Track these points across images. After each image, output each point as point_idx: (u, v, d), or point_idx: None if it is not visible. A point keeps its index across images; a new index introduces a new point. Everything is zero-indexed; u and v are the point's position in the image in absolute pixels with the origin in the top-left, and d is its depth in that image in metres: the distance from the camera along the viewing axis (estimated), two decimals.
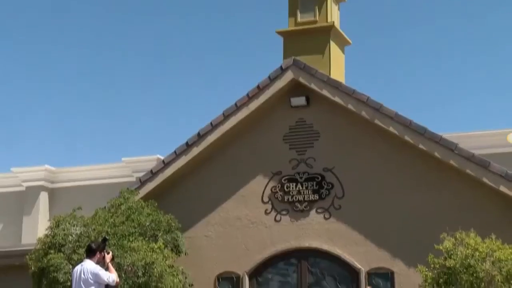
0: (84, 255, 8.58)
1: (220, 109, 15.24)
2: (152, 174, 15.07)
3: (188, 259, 14.17)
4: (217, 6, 32.87)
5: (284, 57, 15.17)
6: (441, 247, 11.32)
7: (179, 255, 13.94)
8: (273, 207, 14.61)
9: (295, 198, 14.45)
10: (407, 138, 13.77)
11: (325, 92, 14.48)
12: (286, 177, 14.62)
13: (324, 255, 14.11)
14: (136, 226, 13.34)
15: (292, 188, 14.51)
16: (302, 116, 14.86)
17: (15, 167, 19.25)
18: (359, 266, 13.78)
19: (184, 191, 15.18)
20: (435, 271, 11.27)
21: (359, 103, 14.18)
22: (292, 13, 15.50)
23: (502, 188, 12.96)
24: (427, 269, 11.38)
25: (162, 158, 15.78)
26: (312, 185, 14.41)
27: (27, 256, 13.42)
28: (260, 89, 14.87)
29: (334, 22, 15.24)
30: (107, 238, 9.13)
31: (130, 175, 17.88)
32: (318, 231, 14.20)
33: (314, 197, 14.36)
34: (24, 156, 35.40)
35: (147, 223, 13.51)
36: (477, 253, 10.95)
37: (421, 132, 13.66)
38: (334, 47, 15.37)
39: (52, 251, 12.83)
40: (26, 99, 34.33)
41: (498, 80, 31.03)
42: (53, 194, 19.04)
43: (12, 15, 32.60)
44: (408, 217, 13.67)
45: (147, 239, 13.32)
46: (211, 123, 15.00)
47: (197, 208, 14.99)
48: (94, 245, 8.38)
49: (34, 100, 34.52)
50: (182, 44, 33.77)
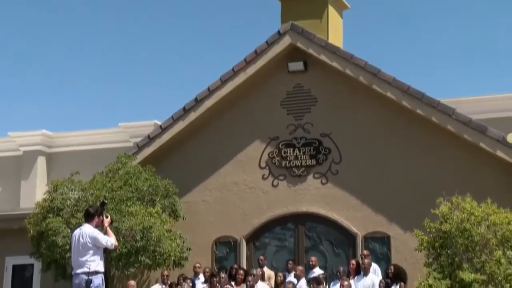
0: (83, 219, 8.60)
1: (217, 74, 15.20)
2: (150, 139, 15.07)
3: (185, 224, 14.26)
4: None
5: (282, 22, 15.05)
6: (437, 212, 11.39)
7: (177, 220, 14.03)
8: (270, 172, 14.66)
9: (293, 163, 14.49)
10: (404, 103, 13.76)
11: (323, 57, 14.41)
12: (284, 142, 14.64)
13: (321, 219, 14.21)
14: (133, 191, 13.40)
15: (290, 153, 14.54)
16: (299, 81, 14.81)
17: (12, 131, 19.24)
18: (356, 231, 13.89)
19: (181, 156, 15.20)
20: (431, 235, 11.36)
21: (357, 68, 14.12)
22: None
23: (499, 153, 13.01)
24: (423, 233, 11.47)
25: (159, 123, 15.78)
26: (310, 150, 14.44)
27: (25, 220, 13.51)
28: (257, 54, 14.78)
29: None
30: (106, 202, 9.12)
31: (127, 140, 17.88)
32: (315, 196, 14.27)
33: (311, 162, 14.39)
34: (21, 121, 35.36)
35: (145, 188, 13.57)
36: (472, 217, 11.03)
37: (419, 97, 13.64)
38: (332, 12, 15.25)
39: (50, 215, 12.91)
40: (23, 64, 34.14)
41: (496, 46, 30.91)
42: (50, 158, 19.06)
43: None
44: (405, 182, 13.74)
45: (144, 203, 13.39)
46: (208, 88, 14.95)
47: (194, 173, 15.03)
48: (92, 209, 8.38)
49: (32, 65, 34.34)
50: (180, 9, 33.50)
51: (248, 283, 11.33)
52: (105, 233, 8.15)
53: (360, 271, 11.81)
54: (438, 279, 10.91)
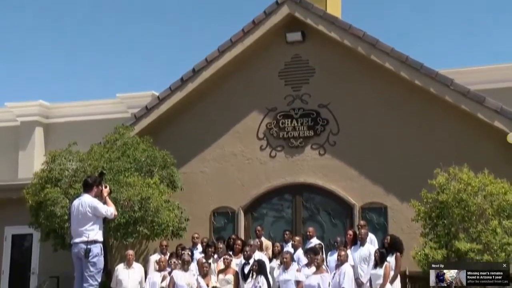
0: (81, 189, 8.61)
1: (215, 45, 15.11)
2: (147, 110, 15.04)
3: (183, 195, 14.31)
4: None
5: None
6: (434, 182, 11.44)
7: (175, 191, 14.07)
8: (268, 143, 14.67)
9: (290, 134, 14.50)
10: (403, 74, 13.72)
11: (321, 28, 14.32)
12: (281, 113, 14.63)
13: (319, 190, 14.26)
14: (131, 161, 13.41)
15: (287, 124, 14.53)
16: (297, 52, 14.75)
17: (9, 102, 19.18)
18: (353, 201, 13.95)
19: (179, 127, 15.19)
20: (428, 206, 11.43)
21: (355, 38, 14.05)
22: None
23: (497, 123, 13.01)
24: (420, 203, 11.54)
25: (157, 94, 15.72)
26: (307, 121, 14.43)
27: (24, 190, 13.52)
28: (255, 24, 14.69)
29: None
30: (104, 172, 9.13)
31: (125, 111, 17.85)
32: (313, 167, 14.31)
33: (309, 133, 14.40)
34: (19, 91, 35.26)
35: (143, 159, 13.57)
36: (469, 187, 11.09)
37: (417, 67, 13.60)
38: None
39: (48, 186, 12.92)
40: (20, 34, 33.91)
41: (496, 15, 30.72)
42: (48, 129, 19.04)
43: None
44: (402, 153, 13.76)
45: (142, 174, 13.41)
46: (206, 59, 14.88)
47: (192, 144, 15.03)
48: (90, 179, 8.37)
49: (29, 35, 34.11)
50: None
51: (245, 253, 11.39)
52: (104, 203, 8.16)
53: (357, 241, 11.87)
54: (434, 248, 11.00)
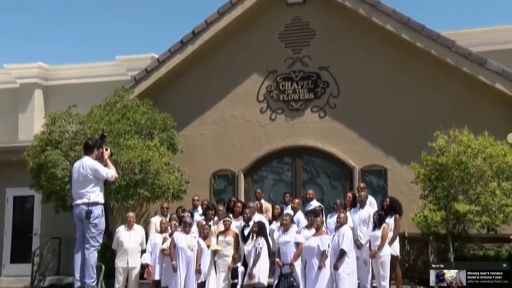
0: (82, 152, 8.61)
1: (215, 6, 14.97)
2: (147, 72, 14.97)
3: (184, 157, 14.33)
4: None
5: None
6: (434, 145, 11.46)
7: (175, 153, 14.09)
8: (268, 106, 14.64)
9: (291, 97, 14.46)
10: (404, 36, 13.63)
11: None
12: (282, 75, 14.57)
13: (319, 153, 14.29)
14: (131, 124, 13.39)
15: (288, 86, 14.49)
16: (298, 13, 14.62)
17: (8, 63, 19.08)
18: (353, 164, 13.99)
19: (179, 89, 15.14)
20: (428, 168, 11.47)
21: (356, 0, 13.91)
22: None
23: (498, 85, 12.97)
24: (419, 166, 11.57)
25: (157, 56, 15.63)
26: (308, 83, 14.38)
27: (24, 153, 13.53)
28: None
29: None
30: (105, 135, 9.11)
31: (125, 74, 17.75)
32: (313, 130, 14.31)
33: (309, 95, 14.36)
34: (18, 53, 35.06)
35: (143, 122, 13.56)
36: (469, 149, 11.11)
37: (418, 29, 13.50)
38: None
39: (49, 148, 12.92)
40: None
41: None
42: (47, 91, 18.96)
43: None
44: (403, 115, 13.75)
45: (143, 137, 13.41)
46: (205, 21, 14.76)
47: (192, 107, 15.01)
48: (91, 141, 8.36)
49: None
50: None
51: (245, 215, 11.46)
52: (105, 165, 8.17)
53: (357, 203, 11.93)
54: (434, 210, 11.09)
